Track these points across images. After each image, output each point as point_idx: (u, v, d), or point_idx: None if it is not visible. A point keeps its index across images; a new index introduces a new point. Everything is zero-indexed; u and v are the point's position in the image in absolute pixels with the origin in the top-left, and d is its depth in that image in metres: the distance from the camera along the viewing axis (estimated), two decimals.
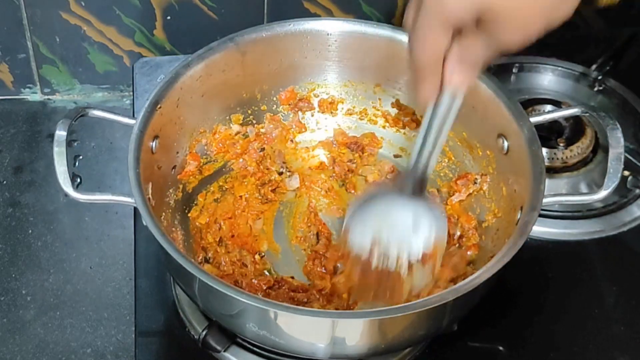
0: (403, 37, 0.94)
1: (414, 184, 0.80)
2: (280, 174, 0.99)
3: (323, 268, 0.90)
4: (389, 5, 1.20)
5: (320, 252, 0.91)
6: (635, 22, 1.25)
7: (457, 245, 0.90)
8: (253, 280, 0.88)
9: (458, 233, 0.91)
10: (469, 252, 0.88)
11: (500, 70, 1.14)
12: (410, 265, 0.80)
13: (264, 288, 0.87)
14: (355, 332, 0.75)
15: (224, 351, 0.85)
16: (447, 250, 0.88)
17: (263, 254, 0.93)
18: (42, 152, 1.15)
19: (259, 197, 0.97)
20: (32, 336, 0.95)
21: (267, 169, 0.99)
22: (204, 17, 1.17)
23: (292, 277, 0.90)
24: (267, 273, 0.91)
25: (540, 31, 0.66)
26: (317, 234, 0.94)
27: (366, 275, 0.81)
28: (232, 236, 0.93)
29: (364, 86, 1.00)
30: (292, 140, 1.01)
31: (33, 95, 1.23)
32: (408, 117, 0.99)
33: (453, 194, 0.94)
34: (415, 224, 0.80)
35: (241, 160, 0.98)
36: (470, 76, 0.71)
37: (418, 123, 0.98)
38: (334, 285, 0.87)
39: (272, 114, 1.01)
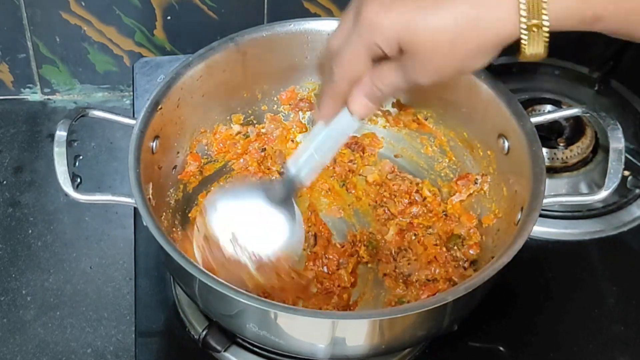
0: None
1: (287, 191, 0.82)
2: (281, 174, 0.99)
3: (324, 267, 0.90)
4: None
5: (320, 254, 0.91)
6: None
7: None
8: None
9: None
10: (470, 251, 0.89)
11: (500, 70, 1.13)
12: (259, 263, 0.80)
13: None
14: (355, 332, 0.75)
15: (224, 351, 0.85)
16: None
17: None
18: (42, 152, 1.15)
19: None
20: (32, 336, 0.95)
21: (268, 169, 0.99)
22: (204, 17, 1.17)
23: (293, 278, 0.90)
24: None
25: (452, 75, 0.68)
26: (315, 235, 0.94)
27: (221, 261, 0.81)
28: None
29: None
30: (292, 140, 1.01)
31: (33, 95, 1.23)
32: (409, 117, 0.99)
33: (454, 194, 0.93)
34: (271, 231, 0.82)
35: (242, 160, 0.98)
36: (370, 109, 0.74)
37: (419, 123, 0.98)
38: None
39: (272, 114, 1.00)
